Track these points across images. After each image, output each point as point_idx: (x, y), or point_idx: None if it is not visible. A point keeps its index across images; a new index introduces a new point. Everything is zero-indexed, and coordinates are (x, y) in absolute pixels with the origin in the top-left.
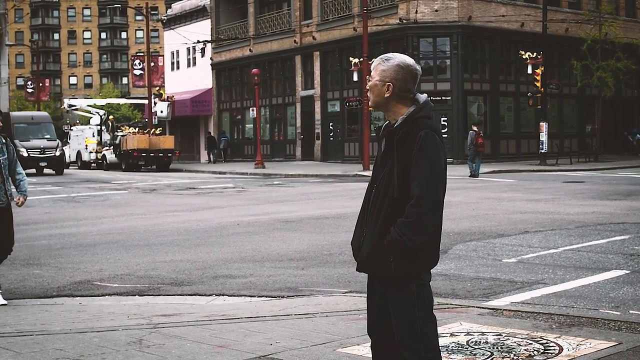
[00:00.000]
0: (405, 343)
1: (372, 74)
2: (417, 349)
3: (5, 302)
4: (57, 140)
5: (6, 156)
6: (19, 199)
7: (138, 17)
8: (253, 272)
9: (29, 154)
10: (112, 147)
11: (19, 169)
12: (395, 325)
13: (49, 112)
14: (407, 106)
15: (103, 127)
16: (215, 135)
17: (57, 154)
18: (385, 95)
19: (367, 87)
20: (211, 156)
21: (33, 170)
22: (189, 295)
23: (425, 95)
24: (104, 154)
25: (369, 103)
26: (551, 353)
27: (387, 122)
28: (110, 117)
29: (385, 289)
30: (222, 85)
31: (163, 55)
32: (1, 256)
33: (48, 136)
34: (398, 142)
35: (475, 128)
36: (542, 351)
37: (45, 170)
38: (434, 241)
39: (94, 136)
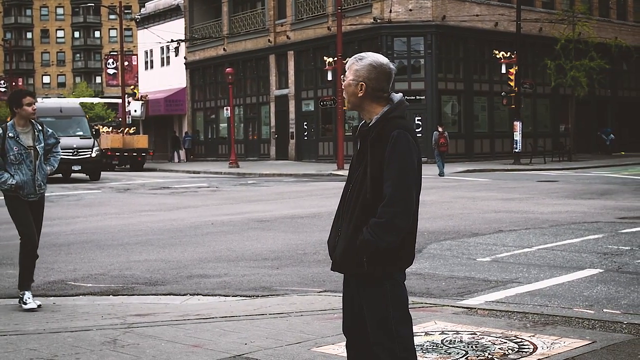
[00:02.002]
0: (380, 342)
1: (346, 73)
2: (392, 348)
3: (35, 304)
4: (92, 137)
5: (42, 144)
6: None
7: (111, 16)
8: (227, 271)
9: None
10: None
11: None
12: (370, 324)
13: None
14: (381, 105)
15: None
16: (190, 134)
17: (94, 155)
18: (359, 95)
19: (342, 87)
20: (175, 156)
21: (60, 176)
22: (164, 294)
23: (400, 94)
24: None
25: (345, 103)
26: (525, 352)
27: (363, 121)
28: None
29: (360, 289)
30: (196, 85)
31: (137, 55)
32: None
33: (81, 132)
34: (372, 142)
35: (439, 128)
36: (516, 350)
37: (75, 175)
38: (408, 241)
39: None
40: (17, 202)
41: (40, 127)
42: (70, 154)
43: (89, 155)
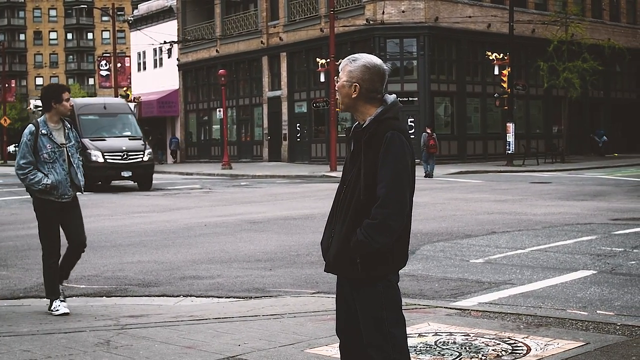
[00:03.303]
0: (374, 344)
1: (340, 74)
2: (385, 349)
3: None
4: (143, 138)
5: (73, 142)
6: None
7: (104, 18)
8: (221, 273)
9: (105, 160)
10: None
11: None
12: (363, 326)
13: (14, 114)
14: (375, 107)
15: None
16: (176, 136)
17: (145, 159)
18: (353, 96)
19: (336, 88)
20: (165, 157)
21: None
22: (157, 296)
23: (394, 95)
24: None
25: (339, 104)
26: (519, 353)
27: (357, 122)
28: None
29: (353, 290)
30: (189, 86)
31: (129, 56)
32: (79, 251)
33: (129, 133)
34: (365, 143)
35: (428, 130)
36: (510, 351)
37: (122, 182)
38: (402, 242)
39: None
40: (48, 211)
41: (69, 126)
42: (119, 157)
43: (141, 160)
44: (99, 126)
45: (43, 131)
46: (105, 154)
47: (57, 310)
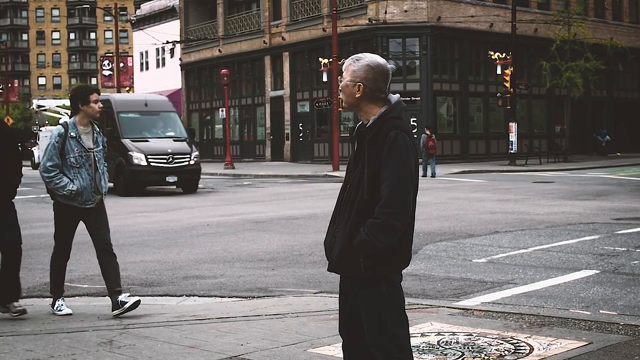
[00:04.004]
0: (376, 343)
1: (343, 74)
2: (388, 349)
3: (137, 298)
4: (189, 139)
5: (100, 147)
6: None
7: (107, 18)
8: (223, 272)
9: (148, 163)
10: None
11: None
12: (366, 325)
13: (17, 114)
14: (379, 106)
15: None
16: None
17: (192, 162)
18: (357, 96)
19: (340, 88)
20: None
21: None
22: (159, 295)
23: (397, 95)
24: None
25: (342, 103)
26: (522, 353)
27: (361, 122)
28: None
29: (356, 289)
30: (192, 86)
31: (132, 56)
32: (108, 257)
33: (173, 133)
34: (369, 143)
35: (427, 131)
36: (512, 351)
37: (167, 187)
38: (405, 242)
39: None
40: (68, 217)
41: (98, 130)
42: (164, 160)
43: (187, 163)
44: (140, 125)
45: (72, 134)
46: (148, 156)
47: (61, 310)
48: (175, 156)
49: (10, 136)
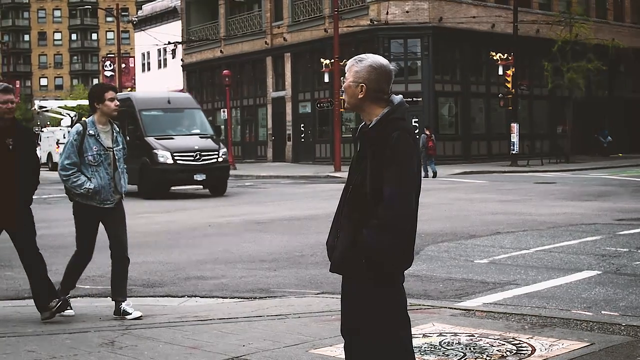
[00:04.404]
0: (379, 345)
1: (346, 75)
2: (390, 350)
3: (139, 313)
4: (215, 136)
5: (120, 146)
6: None
7: (109, 19)
8: (225, 273)
9: (175, 161)
10: None
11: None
12: (369, 326)
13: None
14: (381, 107)
15: None
16: None
17: (220, 159)
18: (359, 97)
19: (342, 89)
20: None
21: (177, 188)
22: (161, 296)
23: (400, 96)
24: None
25: (345, 104)
26: (524, 354)
27: (363, 123)
28: (83, 118)
29: (358, 290)
30: (193, 87)
31: (134, 57)
32: (121, 264)
33: (198, 130)
34: (372, 144)
35: (427, 132)
36: (514, 352)
37: (193, 187)
38: (407, 243)
39: (64, 138)
40: (87, 217)
41: (117, 129)
42: (191, 158)
43: (215, 160)
44: (163, 123)
45: (90, 132)
46: (175, 154)
47: (69, 310)
48: (202, 153)
49: (31, 138)
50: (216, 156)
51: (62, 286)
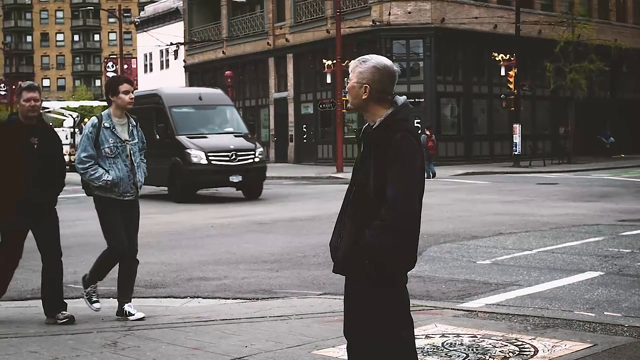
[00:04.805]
0: (382, 346)
1: (350, 76)
2: (393, 351)
3: (142, 315)
4: (250, 135)
5: (137, 141)
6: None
7: (111, 20)
8: (227, 274)
9: (209, 162)
10: None
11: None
12: (372, 327)
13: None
14: (385, 108)
15: (76, 130)
16: None
17: (257, 159)
18: (363, 97)
19: (346, 89)
20: None
21: (210, 191)
22: (163, 297)
23: (404, 97)
24: None
25: (348, 105)
26: (526, 355)
27: (367, 124)
28: (85, 119)
29: (361, 291)
30: None
31: (136, 58)
32: (129, 265)
33: (231, 128)
34: (375, 144)
35: (427, 132)
36: (517, 353)
37: (227, 190)
38: (410, 244)
39: (67, 138)
40: (110, 208)
41: (134, 123)
42: (226, 158)
43: (252, 161)
44: (195, 121)
45: (106, 124)
46: (209, 154)
47: (96, 304)
48: (238, 153)
49: (57, 138)
50: (252, 156)
51: (91, 276)
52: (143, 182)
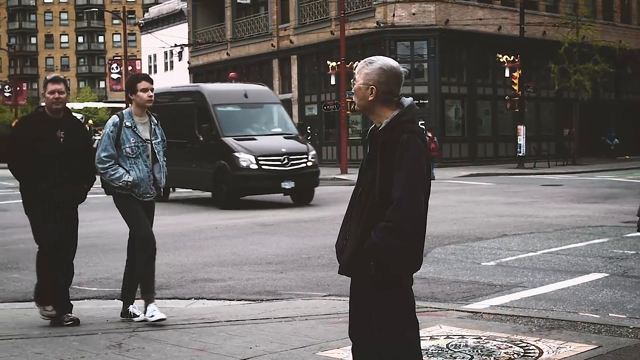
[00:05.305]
0: (387, 347)
1: (356, 77)
2: (398, 352)
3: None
4: (302, 136)
5: (159, 139)
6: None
7: (115, 21)
8: (232, 275)
9: (260, 166)
10: None
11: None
12: (377, 328)
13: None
14: (391, 109)
15: None
16: None
17: (310, 164)
18: (369, 99)
19: (352, 91)
20: None
21: (253, 198)
22: (168, 299)
23: (410, 98)
24: None
25: (355, 106)
26: (531, 356)
27: (373, 125)
28: (89, 121)
29: (367, 292)
30: None
31: (140, 59)
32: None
33: (279, 129)
34: (381, 146)
35: (429, 134)
36: (522, 354)
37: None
38: (416, 245)
39: None
40: (132, 200)
41: (156, 121)
42: (278, 163)
43: (305, 165)
44: (241, 121)
45: (127, 123)
46: (259, 158)
47: (153, 316)
48: (291, 157)
49: (85, 132)
50: (305, 160)
51: (144, 289)
52: (164, 182)
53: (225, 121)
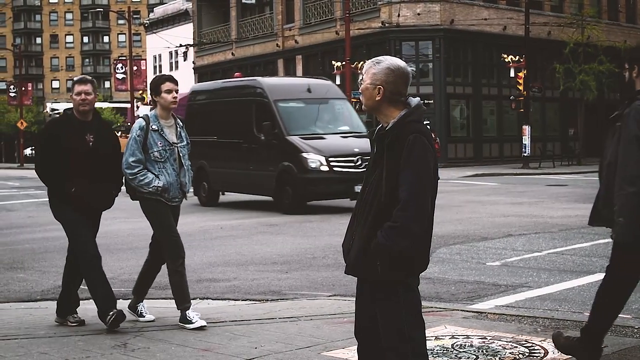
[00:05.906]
0: (393, 347)
1: (363, 77)
2: (404, 352)
3: (152, 317)
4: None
5: (185, 142)
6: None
7: (120, 21)
8: (237, 275)
9: (330, 168)
10: None
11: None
12: (383, 329)
13: (31, 117)
14: (398, 109)
15: None
16: None
17: None
18: (377, 99)
19: (360, 91)
20: None
21: (325, 203)
22: (173, 298)
23: (417, 98)
24: None
25: (362, 106)
26: (536, 356)
27: (380, 125)
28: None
29: (373, 292)
30: None
31: (145, 59)
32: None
33: (346, 127)
34: (388, 146)
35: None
36: (527, 354)
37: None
38: (423, 246)
39: None
40: (161, 206)
41: (181, 124)
42: (351, 164)
43: None
44: (306, 118)
45: (154, 127)
46: (330, 159)
47: (193, 322)
48: (364, 157)
49: (114, 136)
50: None
51: (178, 299)
52: (190, 187)
53: (288, 118)
